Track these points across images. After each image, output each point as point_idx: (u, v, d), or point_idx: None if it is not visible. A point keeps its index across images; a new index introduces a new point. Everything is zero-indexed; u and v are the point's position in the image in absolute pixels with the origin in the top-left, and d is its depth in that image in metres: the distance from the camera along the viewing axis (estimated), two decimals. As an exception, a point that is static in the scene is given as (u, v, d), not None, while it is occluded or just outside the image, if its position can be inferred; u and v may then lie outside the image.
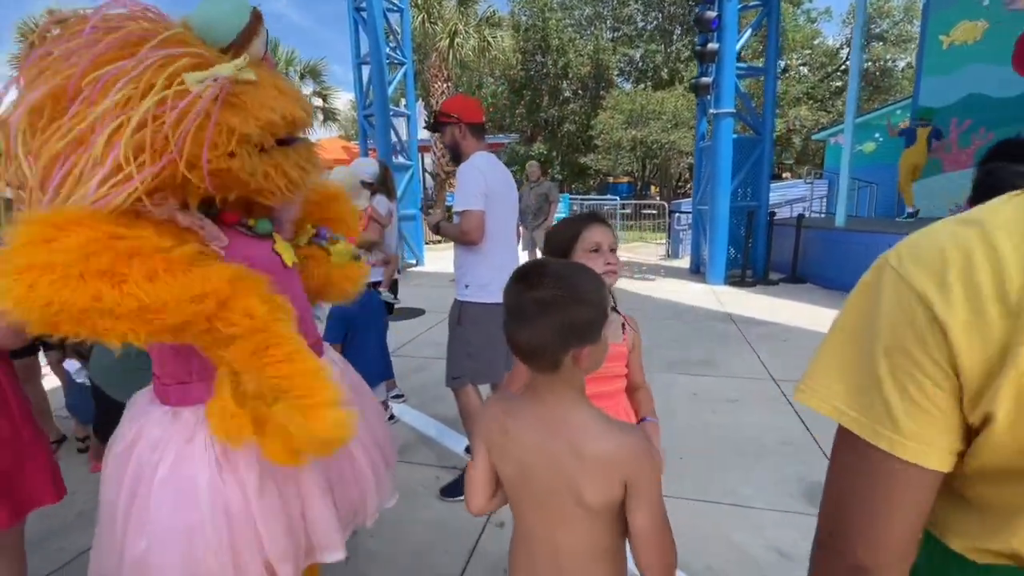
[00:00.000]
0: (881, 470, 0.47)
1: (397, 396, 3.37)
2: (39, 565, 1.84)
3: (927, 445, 0.45)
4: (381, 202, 3.30)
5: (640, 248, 12.21)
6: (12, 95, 0.87)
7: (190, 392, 1.00)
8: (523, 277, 0.80)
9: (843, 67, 22.24)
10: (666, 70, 23.24)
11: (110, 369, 1.47)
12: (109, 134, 0.80)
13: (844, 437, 0.50)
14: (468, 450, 2.69)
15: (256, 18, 0.96)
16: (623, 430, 0.83)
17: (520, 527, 0.92)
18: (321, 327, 2.29)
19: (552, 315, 0.76)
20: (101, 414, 1.62)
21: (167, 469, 0.93)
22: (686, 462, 2.52)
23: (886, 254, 0.49)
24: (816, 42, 23.43)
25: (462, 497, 2.28)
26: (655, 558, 0.80)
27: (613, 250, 1.24)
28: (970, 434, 0.45)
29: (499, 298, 2.30)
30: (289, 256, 1.17)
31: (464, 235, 2.21)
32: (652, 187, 24.13)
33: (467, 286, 2.29)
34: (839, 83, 22.10)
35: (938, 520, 0.53)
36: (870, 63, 22.31)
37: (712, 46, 6.59)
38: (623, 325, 1.25)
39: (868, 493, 0.48)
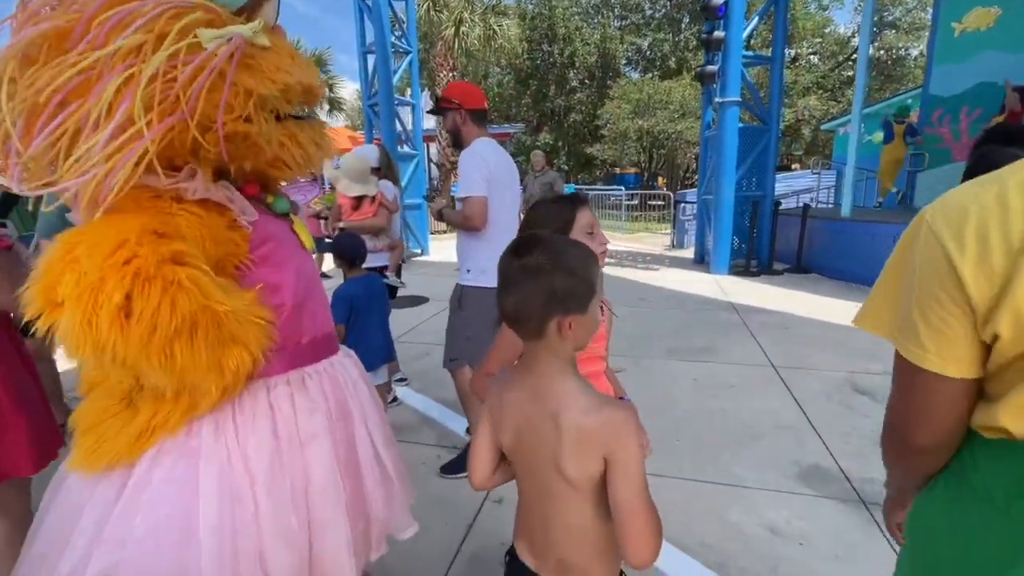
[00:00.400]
0: (916, 379, 0.62)
1: (401, 379, 3.43)
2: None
3: (945, 360, 0.58)
4: (387, 187, 3.34)
5: (645, 238, 12.19)
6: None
7: None
8: (516, 246, 0.83)
9: (854, 56, 21.83)
10: (674, 59, 23.01)
11: None
12: (119, 84, 0.73)
13: (896, 354, 0.65)
14: (469, 431, 2.74)
15: None
16: (606, 403, 0.81)
17: (520, 496, 0.94)
18: None
19: (535, 280, 0.78)
20: None
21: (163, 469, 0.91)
22: (684, 444, 2.56)
23: (924, 209, 0.60)
24: (827, 30, 23.07)
25: (462, 474, 2.35)
26: (636, 537, 0.77)
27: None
28: (986, 348, 0.57)
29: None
30: (307, 239, 1.14)
31: (467, 221, 2.23)
32: (659, 178, 23.99)
33: (468, 271, 2.32)
34: (850, 72, 21.78)
35: None
36: (882, 52, 21.98)
37: (718, 34, 6.52)
38: (601, 307, 1.30)
39: (911, 395, 0.63)
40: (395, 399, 3.16)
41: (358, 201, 3.21)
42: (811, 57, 23.21)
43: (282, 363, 1.03)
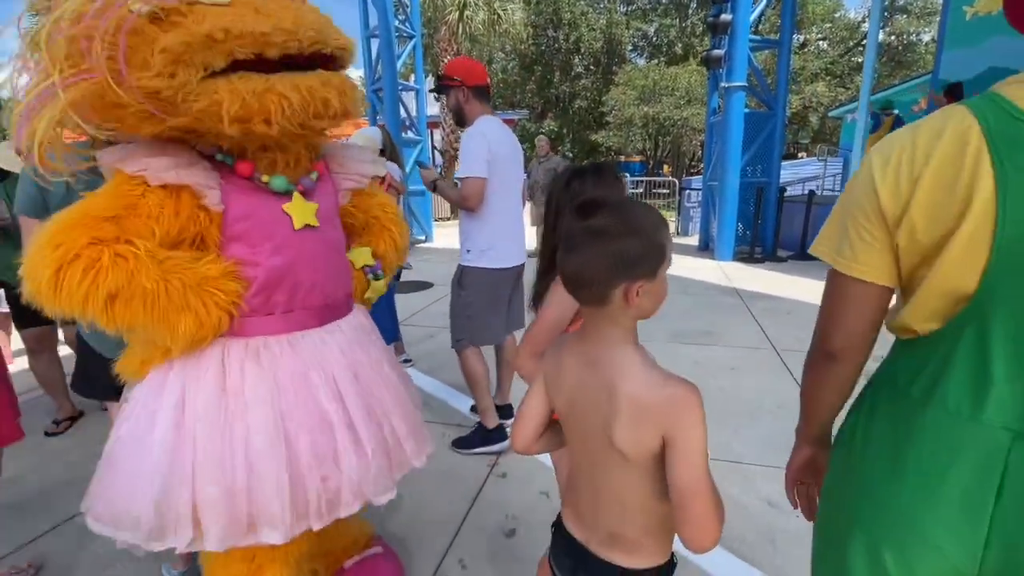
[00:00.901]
0: (844, 287, 0.73)
1: (406, 361, 3.49)
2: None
3: (868, 267, 0.70)
4: (393, 168, 3.36)
5: (649, 226, 12.19)
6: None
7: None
8: (580, 208, 0.76)
9: (864, 42, 21.56)
10: (680, 45, 22.73)
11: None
12: (30, 48, 0.85)
13: (828, 275, 0.76)
14: (473, 409, 2.79)
15: None
16: (666, 379, 0.76)
17: (571, 462, 0.92)
18: None
19: (602, 244, 0.72)
20: (80, 370, 1.58)
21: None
22: (684, 423, 2.62)
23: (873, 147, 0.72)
24: (837, 15, 22.70)
25: (474, 450, 2.41)
26: (695, 521, 0.73)
27: None
28: (897, 260, 0.69)
29: (499, 263, 2.36)
30: (302, 217, 1.15)
31: (463, 200, 2.23)
32: (665, 166, 23.85)
33: (468, 251, 2.34)
34: (859, 58, 21.46)
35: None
36: (892, 37, 21.62)
37: (725, 17, 6.46)
38: None
39: (838, 302, 0.75)
40: (401, 379, 3.22)
41: (367, 182, 3.26)
42: (820, 43, 22.87)
43: (244, 330, 1.14)
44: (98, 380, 1.47)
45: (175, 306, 1.01)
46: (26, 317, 2.49)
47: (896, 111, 7.90)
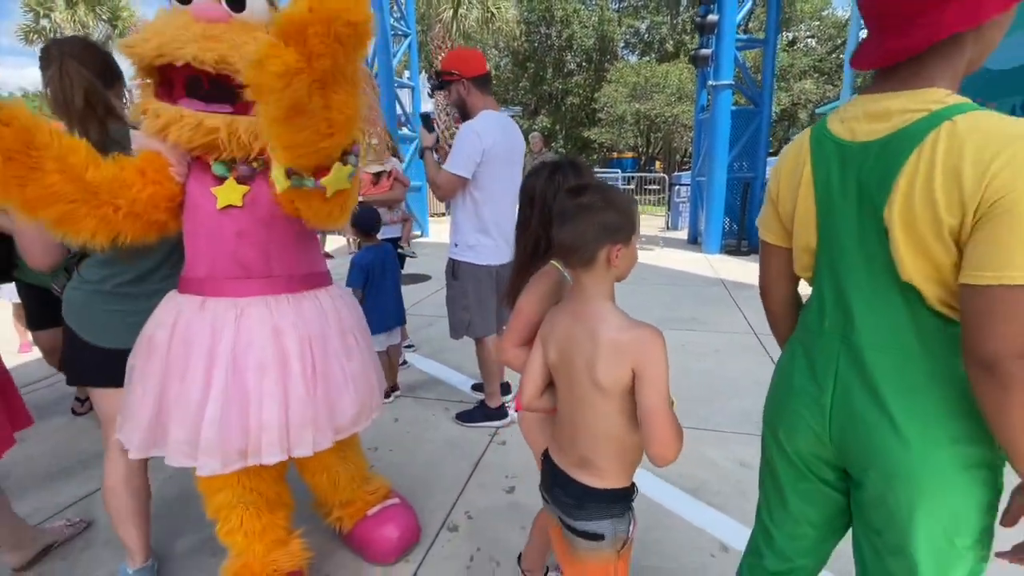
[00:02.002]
0: (765, 249, 1.03)
1: (409, 346, 3.69)
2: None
3: (764, 232, 1.01)
4: (397, 164, 3.56)
5: (642, 220, 12.39)
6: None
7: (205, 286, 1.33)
8: (572, 190, 0.97)
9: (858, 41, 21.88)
10: (671, 42, 22.94)
11: (81, 310, 1.48)
12: None
13: (759, 245, 1.05)
14: (474, 388, 3.00)
15: None
16: (635, 324, 0.96)
17: (558, 404, 1.09)
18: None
19: (590, 215, 0.92)
20: (68, 355, 1.55)
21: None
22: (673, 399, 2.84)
23: None
24: (825, 13, 23.01)
25: (477, 423, 2.60)
26: (660, 437, 0.92)
27: None
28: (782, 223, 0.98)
29: (486, 260, 2.53)
30: (225, 199, 1.30)
31: (433, 186, 2.25)
32: (657, 162, 24.10)
33: (456, 244, 2.38)
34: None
35: None
36: (879, 35, 21.93)
37: (712, 17, 6.67)
38: None
39: (764, 265, 1.05)
40: (405, 362, 3.42)
41: (376, 177, 3.44)
42: (809, 40, 23.18)
43: (181, 285, 1.38)
44: (78, 364, 1.53)
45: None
46: (38, 320, 2.49)
47: None
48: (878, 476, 0.83)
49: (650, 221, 12.03)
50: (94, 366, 1.49)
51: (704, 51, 7.26)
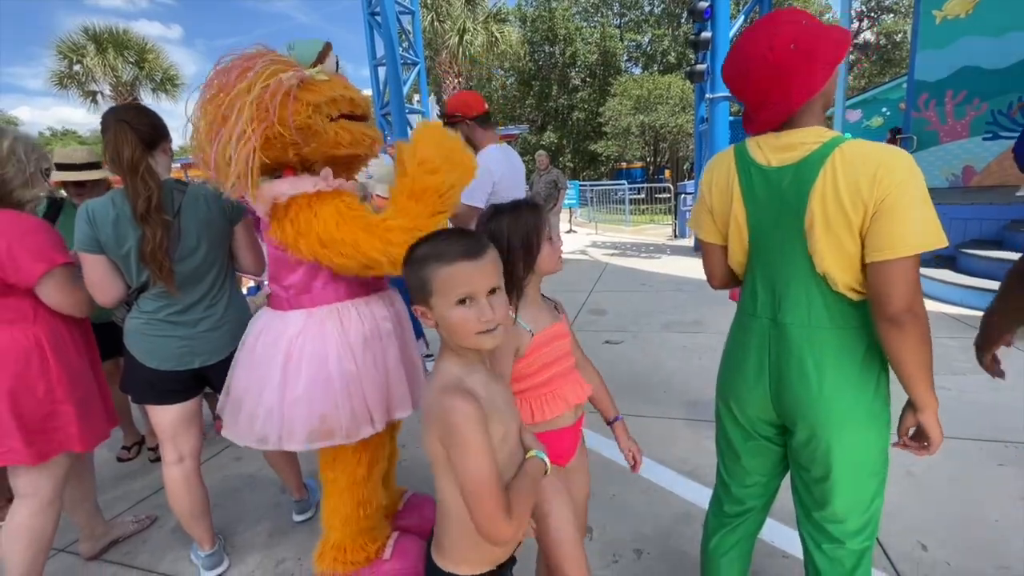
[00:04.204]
0: (705, 247, 1.25)
1: (428, 356, 3.96)
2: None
3: (702, 232, 1.23)
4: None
5: (649, 230, 12.62)
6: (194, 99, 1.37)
7: (316, 298, 1.54)
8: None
9: (855, 41, 22.01)
10: (673, 54, 23.33)
11: (139, 336, 1.67)
12: (237, 111, 1.29)
13: (698, 242, 1.37)
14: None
15: (326, 48, 1.49)
16: (447, 388, 0.84)
17: None
18: None
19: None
20: (129, 377, 1.74)
21: (311, 345, 1.48)
22: (671, 394, 3.07)
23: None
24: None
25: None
26: (475, 518, 0.80)
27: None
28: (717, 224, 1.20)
29: None
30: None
31: (455, 218, 2.42)
32: (666, 171, 24.32)
33: None
34: (851, 57, 21.90)
35: None
36: (881, 36, 22.08)
37: (706, 35, 6.97)
38: (556, 307, 1.33)
39: (706, 258, 1.27)
40: (426, 370, 3.68)
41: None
42: (811, 45, 23.32)
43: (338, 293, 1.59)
44: (138, 385, 1.71)
45: None
46: (102, 351, 2.46)
47: (901, 135, 8.32)
48: (804, 424, 1.07)
49: (658, 230, 12.25)
50: (148, 386, 1.71)
51: (699, 66, 7.55)
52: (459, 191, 1.53)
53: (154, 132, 1.65)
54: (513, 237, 1.14)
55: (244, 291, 2.20)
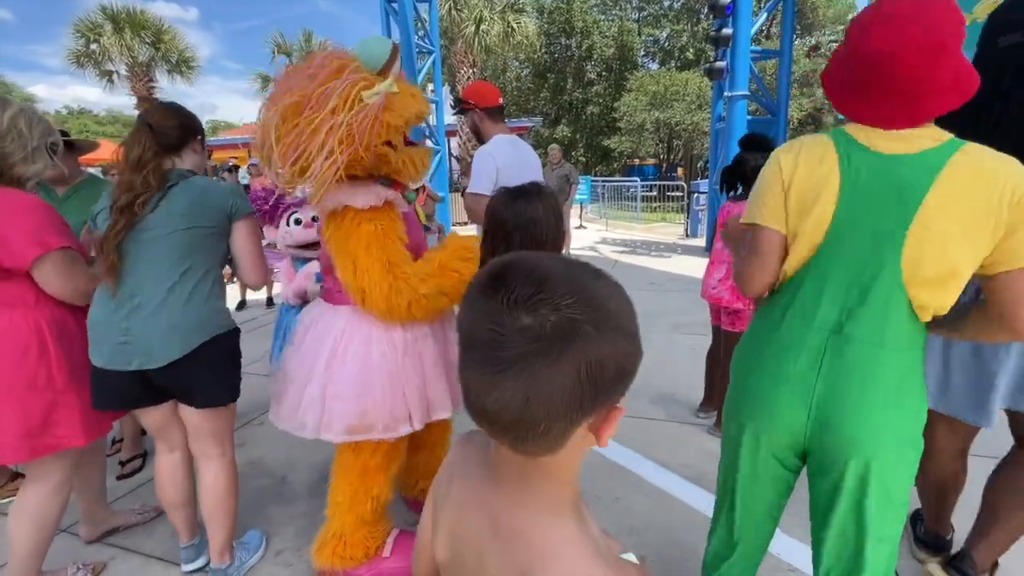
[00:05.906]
0: (755, 235, 1.06)
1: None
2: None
3: (768, 220, 1.03)
4: (426, 179, 3.86)
5: (661, 228, 12.50)
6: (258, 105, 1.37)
7: None
8: (496, 283, 0.47)
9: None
10: (692, 50, 23.02)
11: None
12: (327, 131, 1.27)
13: (748, 227, 1.09)
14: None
15: (395, 50, 1.42)
16: (569, 556, 0.50)
17: None
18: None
19: (559, 358, 0.43)
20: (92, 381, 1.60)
21: (356, 343, 1.49)
22: (678, 397, 3.05)
23: (777, 150, 1.05)
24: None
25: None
26: None
27: None
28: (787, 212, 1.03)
29: None
30: (422, 216, 1.68)
31: (468, 212, 2.47)
32: (680, 169, 24.06)
33: None
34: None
35: None
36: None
37: (727, 31, 6.83)
38: None
39: (757, 251, 1.06)
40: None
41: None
42: (832, 45, 22.93)
43: None
44: (94, 387, 1.56)
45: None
46: None
47: None
48: (858, 458, 0.96)
49: (669, 228, 12.14)
50: (104, 389, 1.55)
51: (719, 63, 7.41)
52: (463, 291, 1.51)
53: (182, 133, 1.59)
54: (549, 218, 1.20)
55: (313, 279, 2.20)
